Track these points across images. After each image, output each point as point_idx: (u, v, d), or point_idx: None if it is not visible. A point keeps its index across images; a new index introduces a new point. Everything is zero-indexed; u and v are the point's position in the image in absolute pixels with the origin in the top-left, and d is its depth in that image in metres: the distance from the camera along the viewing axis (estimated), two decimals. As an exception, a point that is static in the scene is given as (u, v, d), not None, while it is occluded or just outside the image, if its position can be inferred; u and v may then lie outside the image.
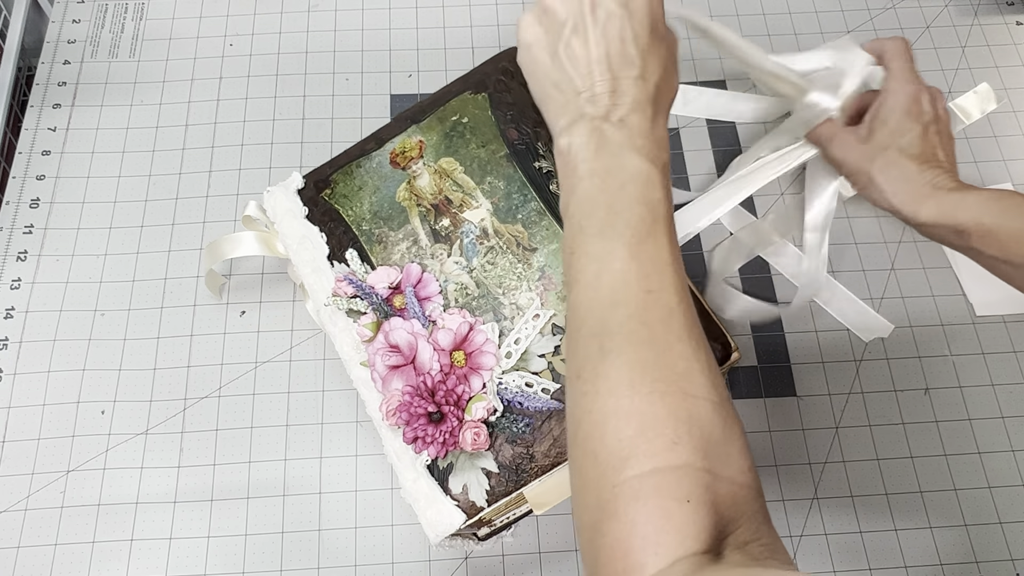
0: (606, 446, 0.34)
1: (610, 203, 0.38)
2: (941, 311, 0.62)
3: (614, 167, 0.39)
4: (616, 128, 0.40)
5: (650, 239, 0.38)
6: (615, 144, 0.40)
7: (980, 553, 0.54)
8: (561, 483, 0.47)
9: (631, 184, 0.39)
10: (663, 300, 0.36)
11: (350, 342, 0.51)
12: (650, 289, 0.37)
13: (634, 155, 0.39)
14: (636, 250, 0.37)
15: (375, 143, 0.57)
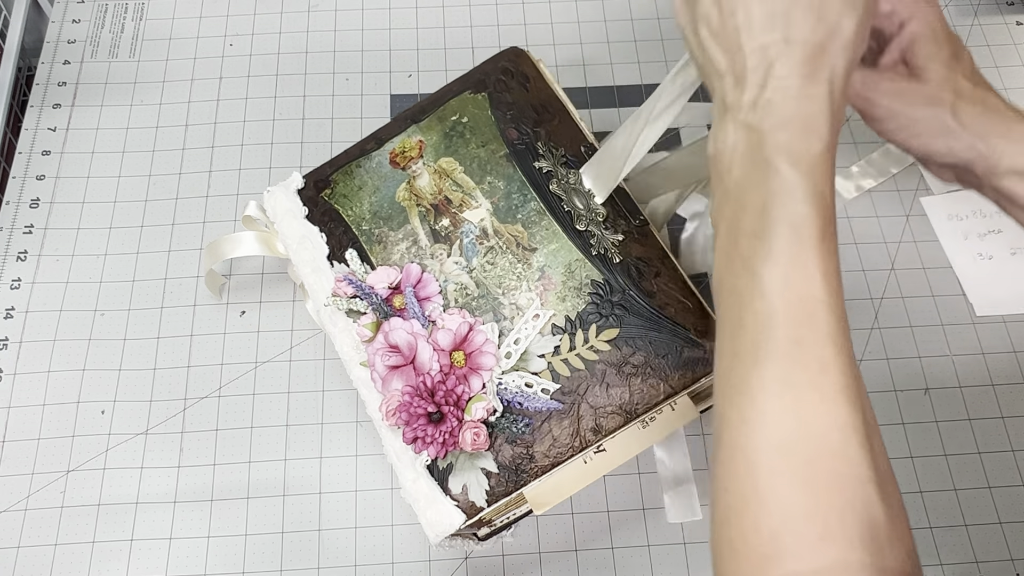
0: (745, 539, 0.30)
1: (753, 228, 0.33)
2: (941, 311, 0.62)
3: (754, 180, 0.34)
4: (761, 118, 0.35)
5: (797, 270, 0.32)
6: (755, 145, 0.34)
7: (980, 553, 0.54)
8: (561, 483, 0.47)
9: (771, 201, 0.33)
10: (814, 353, 0.31)
11: (350, 342, 0.51)
12: (798, 339, 0.31)
13: (775, 157, 0.34)
14: (779, 286, 0.32)
15: (375, 143, 0.57)
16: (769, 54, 0.35)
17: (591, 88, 0.70)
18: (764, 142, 0.34)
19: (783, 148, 0.34)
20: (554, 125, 0.55)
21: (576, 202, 0.52)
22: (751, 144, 0.35)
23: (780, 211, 0.33)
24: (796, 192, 0.33)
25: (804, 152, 0.34)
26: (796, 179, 0.33)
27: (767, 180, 0.34)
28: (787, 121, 0.34)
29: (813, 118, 0.34)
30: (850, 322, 0.62)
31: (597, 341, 0.48)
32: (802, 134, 0.34)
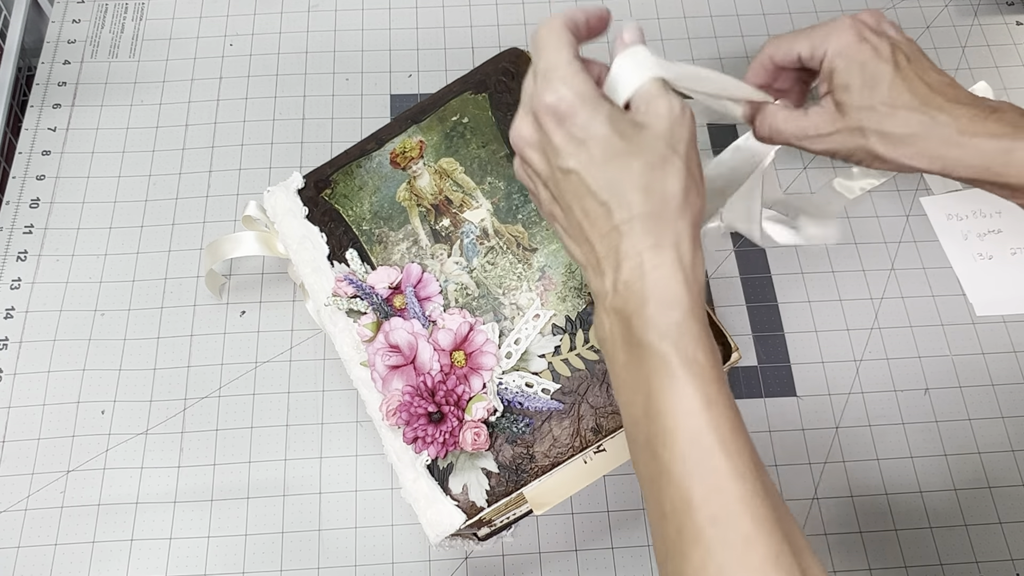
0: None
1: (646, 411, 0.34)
2: (941, 311, 0.62)
3: (634, 363, 0.35)
4: (624, 301, 0.35)
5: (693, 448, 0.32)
6: (626, 328, 0.35)
7: (980, 553, 0.54)
8: (561, 483, 0.47)
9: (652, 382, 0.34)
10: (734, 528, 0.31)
11: (350, 342, 0.51)
12: (714, 518, 0.31)
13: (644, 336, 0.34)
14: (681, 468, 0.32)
15: (375, 143, 0.57)
16: (613, 239, 0.36)
17: (591, 88, 0.70)
18: (631, 324, 0.35)
19: (649, 325, 0.34)
20: (554, 125, 0.55)
21: (576, 202, 0.52)
22: (623, 328, 0.35)
23: (661, 392, 0.33)
24: (670, 367, 0.33)
25: (667, 324, 0.34)
26: (667, 353, 0.34)
27: (644, 362, 0.34)
28: (645, 298, 0.34)
29: (667, 287, 0.34)
30: (850, 322, 0.62)
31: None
32: (660, 306, 0.34)
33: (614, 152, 0.35)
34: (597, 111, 0.35)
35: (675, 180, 0.35)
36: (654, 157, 0.35)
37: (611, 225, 0.35)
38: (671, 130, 0.36)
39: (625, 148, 0.35)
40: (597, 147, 0.35)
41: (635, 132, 0.36)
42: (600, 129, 0.35)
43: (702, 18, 0.74)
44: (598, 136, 0.35)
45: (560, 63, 0.36)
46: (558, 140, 0.36)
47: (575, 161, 0.36)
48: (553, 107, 0.36)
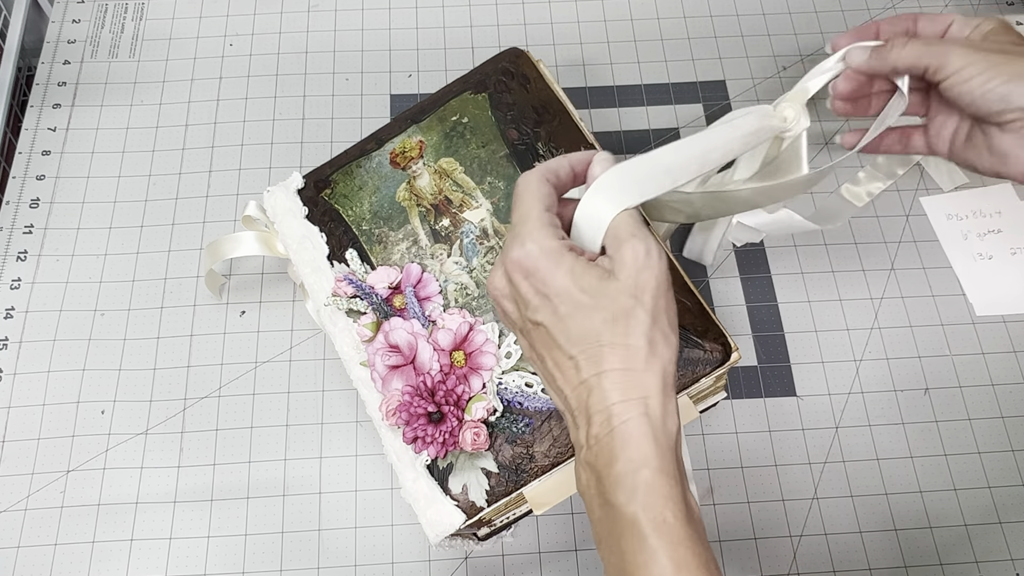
0: None
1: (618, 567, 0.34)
2: (941, 311, 0.62)
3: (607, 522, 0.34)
4: (596, 456, 0.35)
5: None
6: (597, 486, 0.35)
7: (980, 553, 0.54)
8: (561, 483, 0.47)
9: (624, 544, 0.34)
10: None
11: (350, 342, 0.51)
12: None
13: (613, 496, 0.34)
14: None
15: (375, 143, 0.57)
16: (582, 393, 0.35)
17: (591, 88, 0.70)
18: (602, 482, 0.34)
19: (618, 485, 0.34)
20: (554, 126, 0.55)
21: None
22: (596, 483, 0.35)
23: (633, 551, 0.33)
24: (640, 528, 0.33)
25: (634, 484, 0.33)
26: (637, 514, 0.33)
27: (615, 519, 0.34)
28: (614, 455, 0.34)
29: (636, 445, 0.34)
30: (850, 322, 0.62)
31: (597, 341, 0.48)
32: (629, 465, 0.34)
33: (576, 306, 0.35)
34: (559, 266, 0.36)
35: (638, 333, 0.35)
36: (616, 310, 0.35)
37: (580, 379, 0.35)
38: (635, 279, 0.35)
39: (588, 302, 0.35)
40: (561, 302, 0.36)
41: (599, 284, 0.35)
42: (561, 283, 0.35)
43: (702, 18, 0.74)
44: (560, 291, 0.35)
45: (529, 217, 0.37)
46: (525, 292, 0.37)
47: (542, 315, 0.36)
48: (518, 261, 0.36)
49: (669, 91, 0.70)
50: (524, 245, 0.36)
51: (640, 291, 0.35)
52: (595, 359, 0.35)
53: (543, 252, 0.36)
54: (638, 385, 0.35)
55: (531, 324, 0.37)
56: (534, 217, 0.37)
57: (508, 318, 0.39)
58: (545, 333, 0.36)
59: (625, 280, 0.35)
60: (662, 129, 0.69)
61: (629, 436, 0.34)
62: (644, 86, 0.71)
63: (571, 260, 0.36)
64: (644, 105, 0.70)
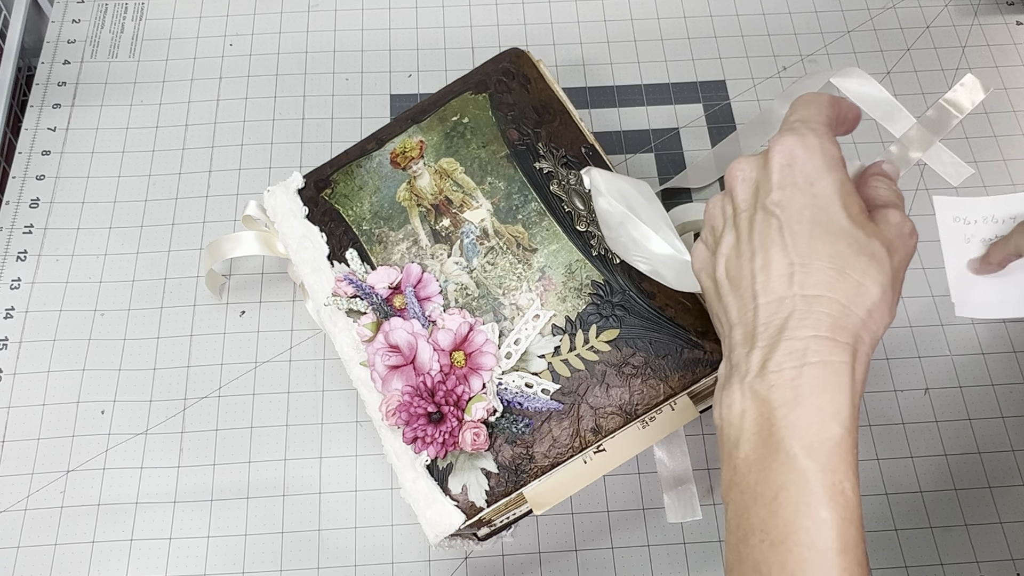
0: None
1: (764, 526, 0.29)
2: (941, 311, 0.62)
3: (764, 465, 0.30)
4: (770, 388, 0.30)
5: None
6: (764, 420, 0.30)
7: (980, 553, 0.54)
8: (561, 483, 0.47)
9: (784, 497, 0.29)
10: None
11: (350, 342, 0.51)
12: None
13: (787, 440, 0.29)
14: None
15: (375, 143, 0.57)
16: (783, 308, 0.31)
17: (591, 88, 0.70)
18: (774, 418, 0.30)
19: (796, 429, 0.29)
20: (555, 126, 0.55)
21: (577, 203, 0.52)
22: (760, 418, 0.31)
23: (793, 513, 0.29)
24: (812, 489, 0.29)
25: (821, 437, 0.29)
26: (812, 472, 0.29)
27: (778, 468, 0.29)
28: (801, 395, 0.30)
29: (831, 393, 0.30)
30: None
31: (597, 342, 0.48)
32: (818, 414, 0.29)
33: (826, 219, 0.32)
34: (831, 172, 0.33)
35: (876, 282, 0.31)
36: (867, 247, 0.32)
37: (788, 292, 0.31)
38: (894, 238, 0.33)
39: (839, 222, 0.32)
40: (813, 204, 0.32)
41: (860, 216, 0.32)
42: (825, 188, 0.32)
43: (702, 18, 0.74)
44: (820, 194, 0.32)
45: (817, 121, 0.34)
46: (777, 178, 0.33)
47: (784, 207, 0.33)
48: (790, 148, 0.33)
49: (669, 91, 0.70)
50: (807, 136, 0.33)
51: (894, 250, 0.32)
52: (818, 278, 0.31)
53: (823, 151, 0.33)
54: (852, 330, 0.31)
55: (763, 212, 0.33)
56: (822, 123, 0.34)
57: (729, 205, 0.35)
58: (776, 226, 0.32)
59: (884, 231, 0.33)
60: (662, 129, 0.69)
61: (826, 381, 0.30)
62: (644, 86, 0.71)
63: (844, 176, 0.33)
64: (644, 105, 0.70)
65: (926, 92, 0.70)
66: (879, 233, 0.32)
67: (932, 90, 0.70)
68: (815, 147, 0.33)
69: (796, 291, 0.31)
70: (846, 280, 0.31)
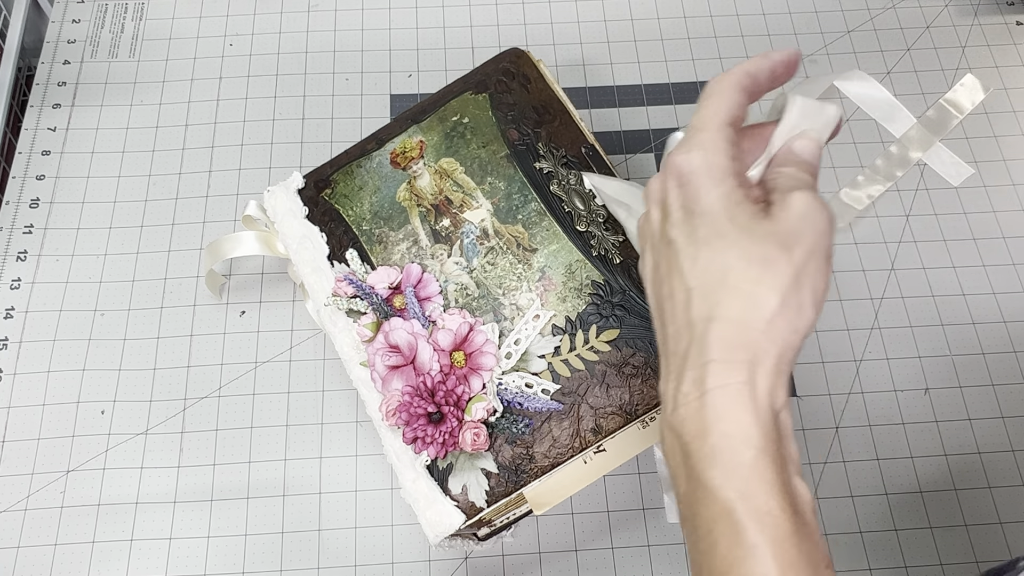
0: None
1: (708, 561, 0.29)
2: (941, 311, 0.62)
3: (694, 500, 0.29)
4: (682, 421, 0.30)
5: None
6: (684, 455, 0.30)
7: (980, 553, 0.54)
8: (561, 483, 0.47)
9: (715, 532, 0.29)
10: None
11: (350, 342, 0.51)
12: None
13: (704, 473, 0.29)
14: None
15: (375, 143, 0.57)
16: (683, 337, 0.31)
17: (591, 88, 0.70)
18: (689, 452, 0.30)
19: (710, 461, 0.29)
20: (555, 126, 0.55)
21: (577, 203, 0.52)
22: (681, 453, 0.30)
23: (728, 546, 0.28)
24: (738, 519, 0.28)
25: (734, 464, 0.28)
26: (733, 502, 0.28)
27: (705, 503, 0.29)
28: (707, 425, 0.29)
29: (735, 418, 0.29)
30: (850, 322, 0.62)
31: (597, 342, 0.48)
32: (726, 441, 0.29)
33: (716, 234, 0.31)
34: (717, 185, 0.31)
35: (771, 288, 0.29)
36: (757, 253, 0.30)
37: (687, 318, 0.31)
38: (793, 227, 0.30)
39: (730, 233, 0.30)
40: (702, 223, 0.31)
41: (750, 219, 0.31)
42: (711, 204, 0.31)
43: (702, 18, 0.74)
44: (706, 212, 0.31)
45: (708, 125, 0.33)
46: (671, 202, 0.33)
47: (677, 231, 0.32)
48: (677, 166, 0.33)
49: (669, 91, 0.70)
50: (690, 152, 0.32)
51: (793, 242, 0.30)
52: (711, 299, 0.30)
53: (706, 165, 0.32)
54: (749, 346, 0.29)
55: (663, 239, 0.33)
56: (713, 127, 0.33)
57: (648, 227, 0.35)
58: (673, 253, 0.32)
59: (781, 224, 0.30)
60: (662, 129, 0.69)
61: (727, 407, 0.29)
62: (644, 86, 0.71)
63: (732, 185, 0.32)
64: (644, 105, 0.70)
65: (926, 92, 0.70)
66: (773, 233, 0.30)
67: (932, 90, 0.70)
68: (698, 164, 0.32)
69: (693, 317, 0.31)
70: (738, 295, 0.30)
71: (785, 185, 0.32)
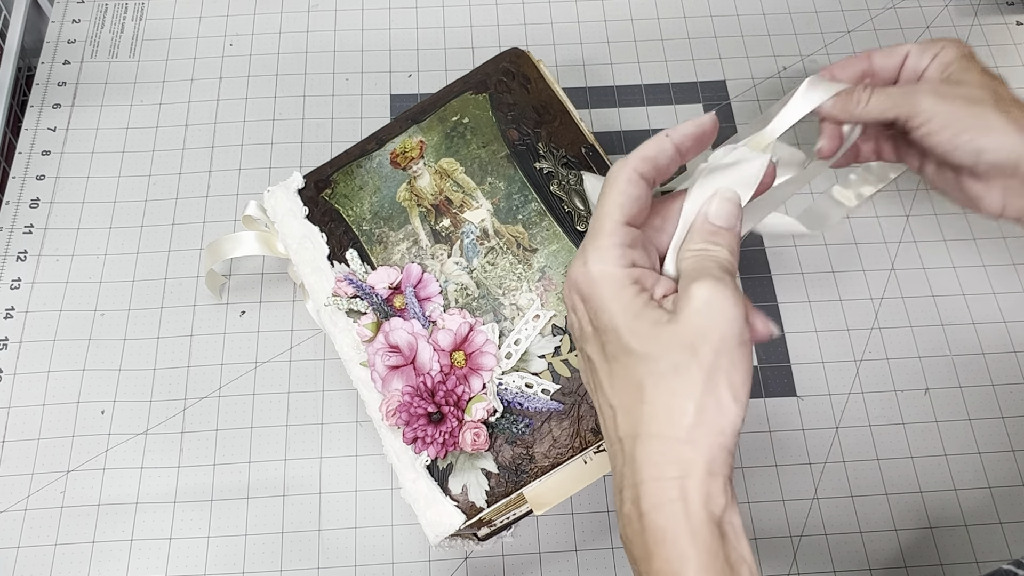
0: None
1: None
2: (941, 311, 0.62)
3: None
4: (629, 543, 0.30)
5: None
6: (636, 570, 0.30)
7: (980, 553, 0.54)
8: (561, 483, 0.47)
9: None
10: None
11: (350, 342, 0.51)
12: None
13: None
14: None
15: (375, 143, 0.57)
16: (617, 455, 0.30)
17: (591, 88, 0.70)
18: (639, 573, 0.30)
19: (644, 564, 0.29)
20: (555, 126, 0.55)
21: (577, 203, 0.52)
22: (635, 569, 0.30)
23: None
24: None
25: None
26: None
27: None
28: (649, 549, 0.29)
29: (672, 540, 0.28)
30: (850, 322, 0.62)
31: (597, 341, 0.48)
32: (667, 564, 0.28)
33: (623, 351, 0.30)
34: (615, 299, 0.31)
35: (685, 395, 0.29)
36: (666, 364, 0.29)
37: (616, 436, 0.30)
38: (696, 325, 0.29)
39: (637, 349, 0.30)
40: (608, 340, 0.31)
41: (652, 329, 0.30)
42: (613, 320, 0.30)
43: (702, 18, 0.74)
44: (610, 328, 0.31)
45: (601, 231, 0.32)
46: (580, 316, 0.32)
47: (590, 348, 0.32)
48: (575, 281, 0.32)
49: (669, 91, 0.70)
50: (586, 264, 0.31)
51: (699, 342, 0.29)
52: (632, 417, 0.30)
53: (603, 278, 0.31)
54: (676, 461, 0.29)
55: (584, 355, 0.33)
56: (606, 231, 0.32)
57: (571, 332, 0.35)
58: (592, 370, 0.32)
59: (684, 325, 0.29)
60: (662, 129, 0.68)
61: (662, 530, 0.29)
62: (644, 86, 0.71)
63: (630, 296, 0.31)
64: (644, 105, 0.70)
65: (926, 92, 0.70)
66: (676, 337, 0.29)
67: (932, 90, 0.70)
68: (594, 277, 0.31)
69: (621, 435, 0.30)
70: (655, 410, 0.29)
71: (689, 270, 0.31)
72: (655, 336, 0.30)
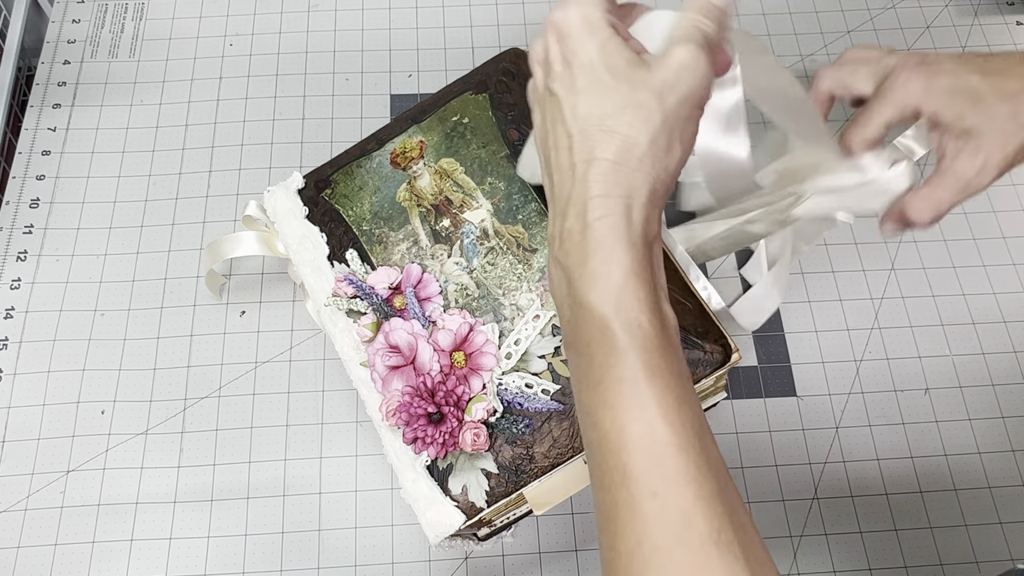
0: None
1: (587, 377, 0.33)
2: (941, 311, 0.62)
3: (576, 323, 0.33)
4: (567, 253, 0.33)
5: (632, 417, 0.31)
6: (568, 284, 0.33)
7: (980, 553, 0.54)
8: (561, 483, 0.47)
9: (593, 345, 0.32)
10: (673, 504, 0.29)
11: (350, 342, 0.51)
12: (654, 492, 0.30)
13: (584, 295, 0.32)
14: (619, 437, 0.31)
15: (376, 143, 0.57)
16: (567, 179, 0.34)
17: (591, 88, 0.70)
18: (572, 279, 0.33)
19: (589, 284, 0.32)
20: (554, 125, 0.55)
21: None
22: (566, 282, 0.33)
23: (603, 355, 0.31)
24: (611, 332, 0.31)
25: (609, 285, 0.32)
26: (607, 316, 0.31)
27: (584, 322, 0.32)
28: (587, 254, 0.32)
29: (610, 245, 0.32)
30: (850, 322, 0.62)
31: (597, 341, 0.48)
32: (603, 266, 0.32)
33: (594, 83, 0.33)
34: (592, 36, 0.34)
35: (643, 128, 0.32)
36: (632, 99, 0.33)
37: (570, 162, 0.34)
38: (669, 78, 0.33)
39: (607, 82, 0.33)
40: (581, 74, 0.34)
41: (626, 68, 0.33)
42: (588, 55, 0.33)
43: (702, 18, 0.74)
44: (584, 63, 0.34)
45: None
46: (552, 57, 0.35)
47: (558, 84, 0.34)
48: (555, 23, 0.35)
49: (669, 91, 0.70)
50: (567, 8, 0.34)
51: (667, 92, 0.33)
52: (590, 143, 0.33)
53: (582, 19, 0.34)
54: (624, 182, 0.32)
55: (548, 93, 0.35)
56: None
57: (534, 87, 0.37)
58: (556, 105, 0.34)
59: (657, 75, 0.33)
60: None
61: (604, 236, 0.32)
62: (644, 86, 0.70)
63: (607, 35, 0.34)
64: (644, 105, 0.70)
65: (926, 92, 0.70)
66: (648, 80, 0.33)
67: (932, 90, 0.70)
68: (574, 18, 0.34)
69: (575, 160, 0.33)
70: (614, 137, 0.32)
71: (677, 36, 0.34)
72: (628, 75, 0.33)
